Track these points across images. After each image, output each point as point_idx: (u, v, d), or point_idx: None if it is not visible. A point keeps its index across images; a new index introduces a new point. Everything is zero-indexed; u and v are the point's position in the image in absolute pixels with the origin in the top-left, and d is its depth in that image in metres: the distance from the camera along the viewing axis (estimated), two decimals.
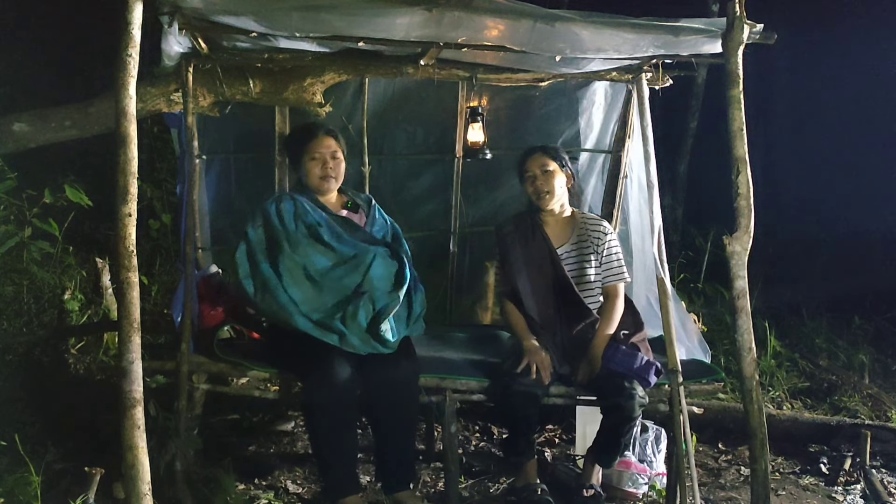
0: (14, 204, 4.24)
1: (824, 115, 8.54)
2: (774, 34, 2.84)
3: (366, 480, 3.30)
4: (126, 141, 2.24)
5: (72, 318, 4.34)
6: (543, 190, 3.29)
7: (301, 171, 3.23)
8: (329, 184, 3.20)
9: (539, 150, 3.35)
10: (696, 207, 7.92)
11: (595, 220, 3.40)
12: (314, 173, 3.18)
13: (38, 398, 3.52)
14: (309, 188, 3.23)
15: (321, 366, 2.87)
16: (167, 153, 5.52)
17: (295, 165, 3.29)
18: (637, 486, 3.33)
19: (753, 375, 2.61)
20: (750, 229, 2.59)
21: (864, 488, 3.53)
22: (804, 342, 5.70)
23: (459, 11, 2.71)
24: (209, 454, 3.28)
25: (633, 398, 2.98)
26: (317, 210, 3.16)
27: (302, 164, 3.21)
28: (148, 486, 2.16)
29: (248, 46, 3.15)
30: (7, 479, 2.85)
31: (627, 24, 2.83)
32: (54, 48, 6.01)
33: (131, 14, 2.25)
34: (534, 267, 3.31)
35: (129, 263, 2.22)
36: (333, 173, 3.19)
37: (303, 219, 3.11)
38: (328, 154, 3.19)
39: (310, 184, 3.21)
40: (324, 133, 3.22)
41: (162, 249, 5.48)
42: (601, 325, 3.24)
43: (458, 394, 3.16)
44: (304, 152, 3.19)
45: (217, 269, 3.59)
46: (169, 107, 3.34)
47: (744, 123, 2.64)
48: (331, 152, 3.20)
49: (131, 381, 2.17)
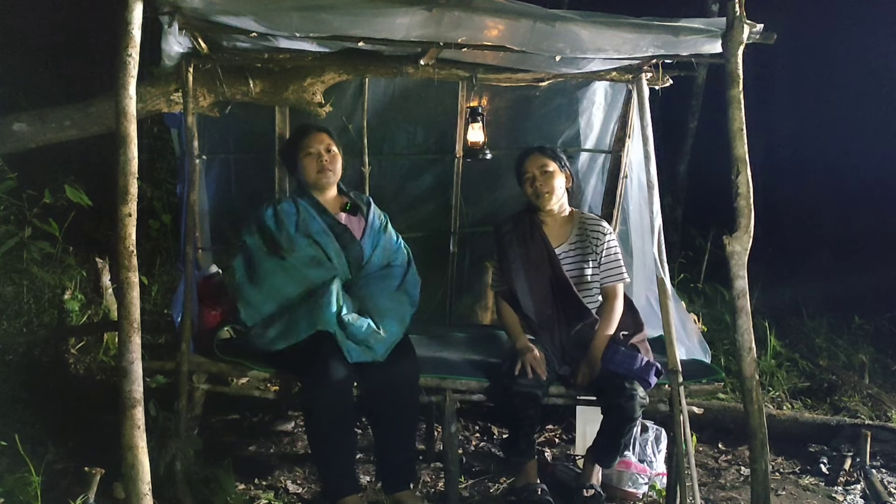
0: (14, 204, 4.24)
1: (825, 112, 8.55)
2: (774, 34, 2.84)
3: (366, 480, 3.30)
4: (126, 141, 2.24)
5: (72, 318, 4.34)
6: (543, 190, 3.28)
7: (298, 171, 3.24)
8: (326, 177, 3.19)
9: (537, 151, 3.35)
10: (696, 207, 7.91)
11: (594, 220, 3.39)
12: (310, 168, 3.18)
13: (38, 398, 3.52)
14: (307, 187, 3.23)
15: (319, 365, 2.87)
16: (167, 153, 5.52)
17: (292, 168, 3.29)
18: (637, 486, 3.33)
19: (753, 375, 2.61)
20: (750, 229, 2.58)
21: (864, 488, 3.53)
22: (804, 342, 5.70)
23: (459, 11, 2.70)
24: (209, 454, 3.28)
25: (633, 398, 2.98)
26: (317, 218, 3.15)
27: (298, 163, 3.21)
28: (148, 486, 2.16)
29: (248, 46, 3.15)
30: (7, 479, 2.85)
31: (627, 24, 2.83)
32: (54, 48, 6.00)
33: (131, 14, 2.25)
34: (532, 267, 3.31)
35: (129, 263, 2.22)
36: (330, 166, 3.19)
37: (306, 225, 3.13)
38: (322, 148, 3.20)
39: (308, 181, 3.21)
40: (315, 129, 3.24)
41: (162, 249, 5.49)
42: (600, 325, 3.23)
43: (458, 394, 3.16)
44: (299, 150, 3.20)
45: (217, 269, 3.59)
46: (169, 107, 3.34)
47: (744, 123, 2.64)
48: (324, 146, 3.20)
49: (131, 381, 2.17)
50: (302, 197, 3.22)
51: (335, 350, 2.91)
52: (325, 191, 3.25)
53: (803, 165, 8.54)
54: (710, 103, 7.21)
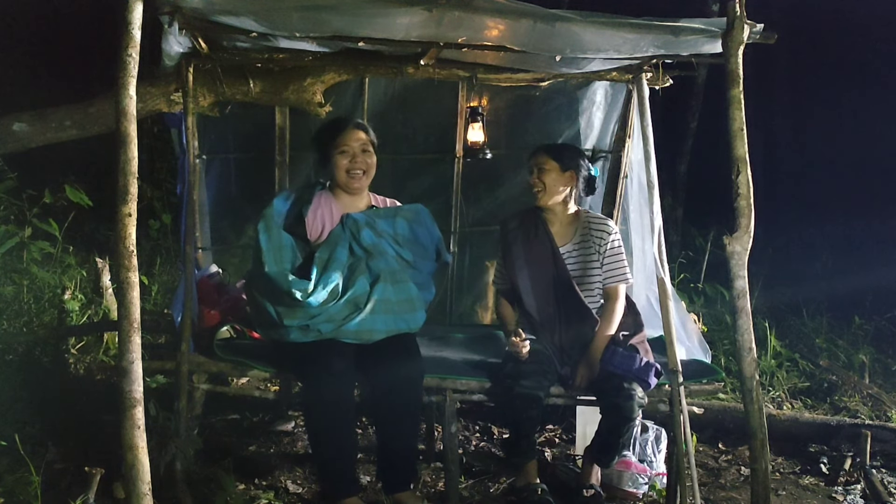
0: (14, 204, 4.24)
1: (826, 115, 8.56)
2: (775, 34, 2.84)
3: (366, 480, 3.30)
4: (126, 141, 2.24)
5: (72, 318, 4.34)
6: (537, 188, 3.29)
7: (329, 167, 3.11)
8: (357, 180, 3.08)
9: (542, 149, 3.34)
10: (696, 207, 7.92)
11: (599, 220, 3.39)
12: (342, 166, 3.06)
13: (38, 398, 3.51)
14: (337, 185, 3.13)
15: (319, 365, 2.87)
16: (167, 153, 5.54)
17: (324, 162, 3.14)
18: (637, 486, 3.33)
19: (753, 375, 2.61)
20: (750, 229, 2.58)
21: (864, 488, 3.53)
22: (804, 342, 5.70)
23: (459, 11, 2.70)
24: (209, 454, 3.28)
25: (631, 398, 2.98)
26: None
27: (330, 159, 3.08)
28: (148, 486, 2.16)
29: (248, 46, 3.15)
30: (7, 479, 2.85)
31: (627, 24, 2.83)
32: (54, 48, 6.01)
33: (131, 14, 2.25)
34: (535, 264, 3.31)
35: (129, 263, 2.22)
36: (363, 167, 3.08)
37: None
38: (358, 147, 3.07)
39: (338, 179, 3.09)
40: (353, 126, 3.11)
41: (162, 249, 5.50)
42: (601, 326, 3.23)
43: (458, 394, 3.16)
44: (333, 146, 3.07)
45: (217, 269, 3.60)
46: (169, 107, 3.34)
47: (744, 123, 2.64)
48: (360, 144, 3.07)
49: (131, 381, 2.17)
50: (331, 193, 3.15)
51: (336, 349, 2.91)
52: (354, 195, 3.15)
53: (803, 165, 8.56)
54: (710, 103, 7.21)
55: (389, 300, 3.02)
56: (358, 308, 2.97)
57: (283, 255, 2.96)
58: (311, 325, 2.93)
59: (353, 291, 2.96)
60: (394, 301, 3.03)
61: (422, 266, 3.19)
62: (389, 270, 3.04)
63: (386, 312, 3.01)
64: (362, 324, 2.97)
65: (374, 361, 2.97)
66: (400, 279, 3.06)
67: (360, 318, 2.96)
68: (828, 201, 8.19)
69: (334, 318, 2.94)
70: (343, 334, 2.96)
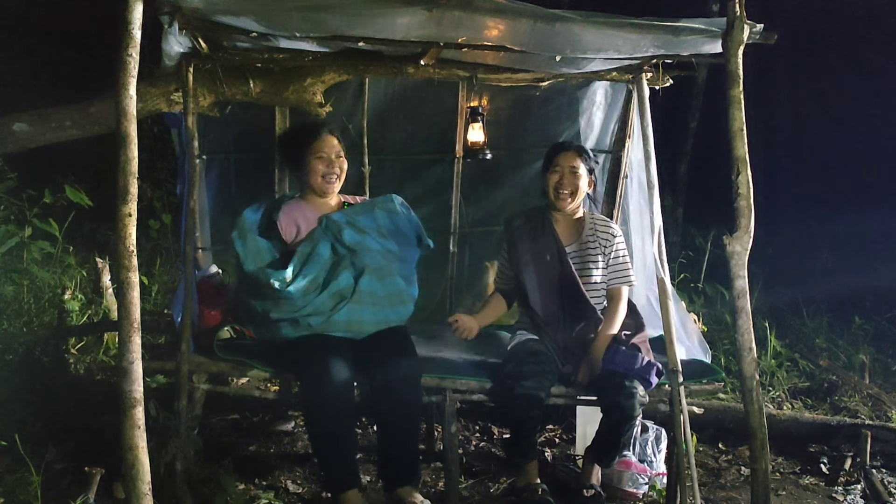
0: (14, 204, 4.24)
1: (826, 115, 8.55)
2: (775, 34, 2.84)
3: (366, 480, 3.30)
4: (126, 141, 2.24)
5: (72, 318, 4.34)
6: (566, 190, 3.27)
7: (303, 171, 3.22)
8: (332, 184, 3.20)
9: (574, 149, 3.31)
10: (696, 207, 7.92)
11: (605, 222, 3.40)
12: (318, 171, 3.17)
13: (38, 398, 3.52)
14: (311, 189, 3.22)
15: (318, 363, 2.87)
16: (167, 153, 5.54)
17: (296, 165, 3.27)
18: (637, 486, 3.33)
19: (753, 375, 2.61)
20: (750, 229, 2.58)
21: (864, 488, 3.53)
22: (804, 342, 5.70)
23: (459, 11, 2.71)
24: (209, 454, 3.28)
25: (633, 397, 2.98)
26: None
27: (305, 164, 3.19)
28: (148, 486, 2.16)
29: (248, 46, 3.15)
30: (7, 479, 2.85)
31: (627, 24, 2.83)
32: (54, 48, 6.01)
33: (131, 14, 2.24)
34: (540, 263, 3.31)
35: (129, 263, 2.22)
36: (338, 171, 3.20)
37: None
38: (333, 154, 3.20)
39: (313, 183, 3.20)
40: (327, 132, 3.23)
41: (162, 249, 5.50)
42: (603, 326, 3.23)
43: (458, 394, 3.16)
44: (310, 152, 3.18)
45: (217, 269, 3.59)
46: (169, 107, 3.34)
47: (744, 123, 2.64)
48: (336, 152, 3.21)
49: (131, 381, 2.17)
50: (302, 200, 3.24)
51: (331, 347, 2.92)
52: (328, 196, 3.25)
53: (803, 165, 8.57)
54: (710, 103, 7.21)
55: (376, 294, 3.07)
56: (344, 298, 3.01)
57: (261, 257, 3.08)
58: (300, 320, 2.98)
59: (337, 283, 3.02)
60: (381, 295, 3.08)
61: (407, 255, 3.25)
62: (375, 266, 3.09)
63: (374, 304, 3.06)
64: (350, 314, 3.01)
65: (370, 359, 2.99)
66: (386, 274, 3.12)
67: (348, 308, 3.00)
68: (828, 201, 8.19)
69: (321, 309, 2.99)
70: (333, 326, 3.00)
